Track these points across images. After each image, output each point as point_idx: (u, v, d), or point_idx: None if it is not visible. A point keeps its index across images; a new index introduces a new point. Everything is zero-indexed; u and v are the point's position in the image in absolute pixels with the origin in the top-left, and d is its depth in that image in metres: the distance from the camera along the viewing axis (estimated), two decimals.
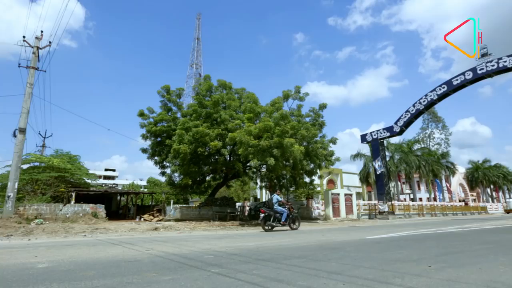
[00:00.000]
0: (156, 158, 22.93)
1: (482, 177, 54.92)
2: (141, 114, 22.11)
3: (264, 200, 40.60)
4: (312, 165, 20.92)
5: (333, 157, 21.25)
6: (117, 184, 51.07)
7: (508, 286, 3.83)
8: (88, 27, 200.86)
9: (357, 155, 41.09)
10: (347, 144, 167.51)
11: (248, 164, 22.85)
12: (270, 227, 12.88)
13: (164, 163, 22.91)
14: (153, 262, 5.51)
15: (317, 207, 27.34)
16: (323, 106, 22.00)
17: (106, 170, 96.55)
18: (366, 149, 39.12)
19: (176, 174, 22.48)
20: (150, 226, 14.83)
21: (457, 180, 56.84)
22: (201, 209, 22.93)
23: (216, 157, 21.02)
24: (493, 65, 20.29)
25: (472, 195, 59.85)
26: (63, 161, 22.70)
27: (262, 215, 12.82)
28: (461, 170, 56.38)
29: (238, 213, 24.78)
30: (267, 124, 16.47)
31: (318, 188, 36.08)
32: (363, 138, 29.25)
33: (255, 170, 24.65)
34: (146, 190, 57.86)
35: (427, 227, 14.46)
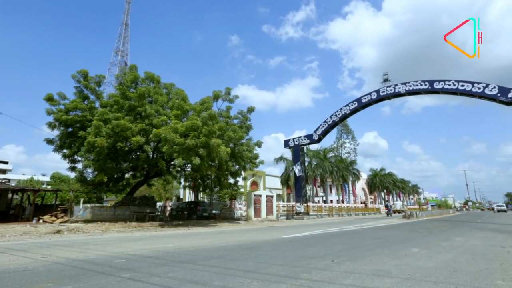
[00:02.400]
0: (65, 151, 20.00)
1: (379, 182, 64.64)
2: (49, 99, 19.03)
3: (187, 200, 39.51)
4: (237, 167, 21.30)
5: (258, 160, 22.05)
6: (9, 180, 42.83)
7: (388, 273, 4.63)
8: None
9: (280, 159, 43.59)
10: (272, 148, 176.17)
11: (172, 163, 21.96)
12: None
13: (75, 157, 20.18)
14: (50, 270, 4.82)
15: (240, 207, 27.94)
16: (251, 110, 22.67)
17: None
18: (288, 154, 41.81)
19: (89, 170, 19.97)
20: (51, 229, 12.89)
21: (361, 185, 65.67)
22: (117, 209, 20.97)
23: (138, 153, 19.57)
24: (391, 90, 24.26)
25: (371, 198, 69.90)
26: None
27: None
28: (364, 176, 65.21)
29: (159, 213, 23.53)
30: (195, 123, 16.14)
31: (242, 189, 36.92)
32: (286, 143, 31.26)
33: (179, 169, 23.83)
34: (49, 187, 49.98)
35: (334, 226, 16.26)
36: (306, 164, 35.51)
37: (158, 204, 28.21)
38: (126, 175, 24.46)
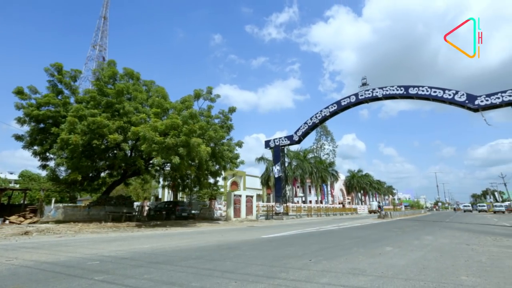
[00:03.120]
0: (36, 148, 18.98)
1: (356, 183, 66.58)
2: (19, 92, 18.00)
3: (166, 200, 38.75)
4: (217, 166, 21.16)
5: (238, 160, 22.02)
6: None
7: (362, 271, 4.78)
8: None
9: (261, 159, 43.81)
10: (252, 148, 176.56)
11: (151, 162, 21.47)
12: None
13: (47, 154, 19.20)
14: (15, 274, 4.57)
15: (220, 208, 27.78)
16: (232, 110, 22.59)
17: None
18: (269, 154, 42.11)
19: (62, 168, 19.09)
20: (18, 230, 12.21)
21: (339, 186, 67.29)
22: (91, 208, 20.18)
23: (115, 151, 18.95)
24: (369, 94, 25.04)
25: (348, 199, 71.76)
26: None
27: None
28: (342, 177, 66.89)
29: (136, 213, 22.92)
30: (175, 121, 15.87)
31: (222, 189, 36.73)
32: (267, 144, 31.46)
33: (158, 168, 23.33)
34: (18, 186, 47.24)
35: (313, 226, 16.55)
36: (286, 164, 35.89)
37: (136, 203, 27.49)
38: (102, 174, 23.61)
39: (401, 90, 22.72)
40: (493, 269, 5.09)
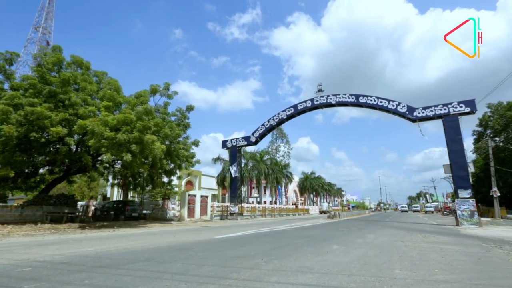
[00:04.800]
0: None
1: (309, 185, 69.48)
2: None
3: (115, 199, 36.40)
4: (172, 165, 20.48)
5: (194, 159, 21.55)
6: None
7: (310, 269, 5.03)
8: None
9: (217, 159, 43.39)
10: (209, 148, 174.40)
11: (99, 158, 20.01)
12: None
13: None
14: None
15: (173, 208, 26.90)
16: (190, 108, 22.07)
17: None
18: (225, 154, 41.86)
19: None
20: None
21: (293, 187, 69.65)
22: (25, 208, 18.08)
23: (57, 146, 17.29)
24: (323, 100, 26.35)
25: (301, 199, 74.60)
26: None
27: None
28: (296, 179, 69.30)
29: (80, 213, 21.17)
30: (128, 116, 15.00)
31: (176, 189, 35.63)
32: (224, 144, 31.31)
33: (107, 165, 21.84)
34: None
35: (266, 226, 16.89)
36: (242, 165, 36.10)
37: (80, 203, 25.38)
38: (41, 170, 21.38)
39: (353, 98, 24.30)
40: (421, 262, 5.72)
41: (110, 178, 24.74)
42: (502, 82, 30.43)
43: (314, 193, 74.31)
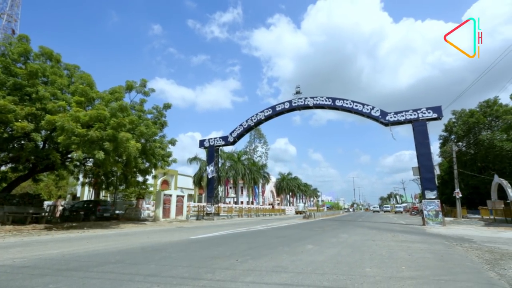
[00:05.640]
0: None
1: (286, 186, 70.35)
2: None
3: (86, 198, 34.82)
4: (147, 164, 19.91)
5: (171, 158, 21.11)
6: None
7: (285, 268, 5.10)
8: None
9: (194, 159, 42.82)
10: (187, 147, 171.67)
11: (69, 156, 19.06)
12: None
13: None
14: None
15: (148, 207, 26.18)
16: (167, 106, 21.60)
17: None
18: (203, 154, 41.41)
19: None
20: None
21: (270, 188, 70.16)
22: None
23: (22, 142, 16.27)
24: (301, 102, 26.82)
25: (278, 200, 75.35)
26: None
27: None
28: (273, 179, 69.88)
29: (46, 214, 20.04)
30: (102, 113, 14.41)
31: (151, 188, 34.70)
32: (201, 143, 30.95)
33: (78, 163, 20.83)
34: None
35: (243, 226, 16.89)
36: (220, 165, 35.85)
37: (47, 203, 24.05)
38: (3, 168, 20.00)
39: (329, 101, 24.91)
40: (390, 260, 5.98)
41: (80, 176, 23.61)
42: (465, 91, 32.49)
43: (290, 193, 75.35)
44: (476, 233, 13.51)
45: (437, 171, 20.50)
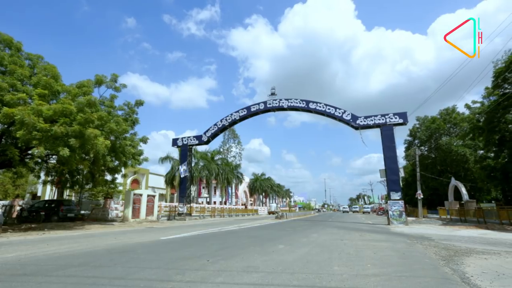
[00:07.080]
0: None
1: (259, 186, 70.81)
2: None
3: (48, 198, 32.66)
4: (116, 162, 19.12)
5: (142, 157, 20.41)
6: None
7: (256, 268, 5.14)
8: None
9: (166, 158, 41.81)
10: (160, 145, 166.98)
11: (29, 152, 17.79)
12: None
13: None
14: None
15: (116, 207, 25.10)
16: (139, 103, 20.87)
17: None
18: (176, 153, 40.55)
19: None
20: None
21: (243, 188, 70.15)
22: None
23: None
24: (276, 103, 27.18)
25: (251, 200, 75.57)
26: None
27: None
28: (246, 180, 70.01)
29: (2, 214, 18.54)
30: (68, 107, 13.61)
31: (120, 187, 33.34)
32: (174, 142, 30.30)
33: (39, 160, 19.52)
34: None
35: (215, 227, 16.76)
36: (193, 164, 35.31)
37: (2, 202, 22.31)
38: None
39: (303, 103, 25.45)
40: (357, 258, 6.24)
41: (42, 174, 22.15)
42: (428, 99, 34.73)
43: (263, 194, 75.91)
44: (434, 231, 14.46)
45: (402, 174, 21.68)
